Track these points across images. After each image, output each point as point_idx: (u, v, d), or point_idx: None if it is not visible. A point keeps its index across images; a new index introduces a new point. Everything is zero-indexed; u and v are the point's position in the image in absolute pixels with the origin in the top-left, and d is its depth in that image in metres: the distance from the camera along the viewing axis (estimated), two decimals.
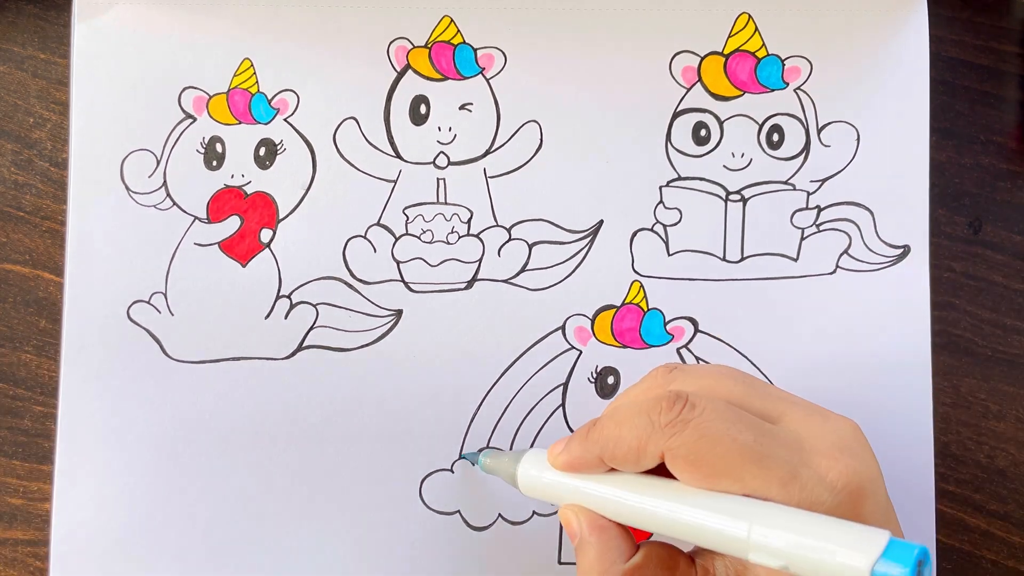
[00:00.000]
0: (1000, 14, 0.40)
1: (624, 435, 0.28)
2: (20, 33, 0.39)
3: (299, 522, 0.36)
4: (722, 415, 0.27)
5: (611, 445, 0.29)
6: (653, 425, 0.28)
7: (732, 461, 0.26)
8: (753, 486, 0.26)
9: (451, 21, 0.38)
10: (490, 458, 0.34)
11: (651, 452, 0.28)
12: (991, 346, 0.39)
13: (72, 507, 0.36)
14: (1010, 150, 0.39)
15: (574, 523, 0.30)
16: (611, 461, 0.29)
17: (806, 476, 0.26)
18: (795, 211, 0.38)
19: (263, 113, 0.38)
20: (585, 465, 0.30)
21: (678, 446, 0.27)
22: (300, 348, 0.37)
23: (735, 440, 0.26)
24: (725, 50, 0.38)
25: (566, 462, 0.30)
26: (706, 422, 0.27)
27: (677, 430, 0.27)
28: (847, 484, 0.26)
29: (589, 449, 0.29)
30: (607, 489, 0.29)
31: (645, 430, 0.28)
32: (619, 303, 0.38)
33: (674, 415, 0.27)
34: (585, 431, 0.30)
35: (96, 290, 0.37)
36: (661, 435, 0.27)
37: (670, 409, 0.28)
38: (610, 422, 0.29)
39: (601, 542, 0.29)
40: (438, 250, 0.38)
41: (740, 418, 0.27)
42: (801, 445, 0.27)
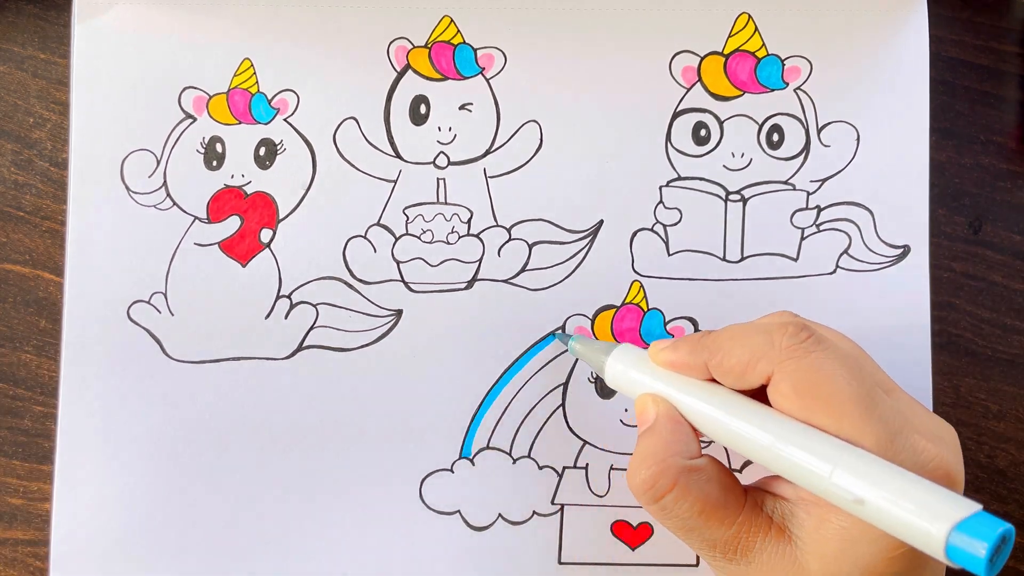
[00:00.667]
0: (1000, 14, 0.40)
1: (738, 348, 0.28)
2: (20, 33, 0.39)
3: (299, 522, 0.36)
4: (843, 360, 0.27)
5: (722, 353, 0.29)
6: (772, 345, 0.28)
7: (840, 401, 0.26)
8: (850, 432, 0.26)
9: (451, 21, 0.38)
10: (580, 343, 0.34)
11: (761, 370, 0.28)
12: (991, 346, 0.39)
13: (72, 507, 0.36)
14: (1010, 150, 0.39)
15: (651, 409, 0.30)
16: (716, 370, 0.29)
17: (902, 444, 0.26)
18: (795, 211, 0.38)
19: (263, 113, 0.38)
20: (688, 367, 0.30)
21: (792, 370, 0.27)
22: (300, 348, 0.37)
23: (849, 383, 0.27)
24: (725, 50, 0.38)
25: (669, 360, 0.30)
26: (828, 358, 0.27)
27: (797, 355, 0.27)
28: (936, 469, 0.26)
29: (697, 353, 0.29)
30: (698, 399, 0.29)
31: (762, 348, 0.28)
32: (619, 303, 0.38)
33: (797, 341, 0.28)
34: (698, 337, 0.30)
35: (96, 290, 0.37)
36: (779, 355, 0.27)
37: (796, 334, 0.28)
38: (727, 333, 0.29)
39: (672, 432, 0.29)
40: (438, 250, 0.38)
41: (860, 369, 0.28)
42: (905, 419, 0.27)
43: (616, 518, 0.37)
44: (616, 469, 0.37)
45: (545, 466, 0.37)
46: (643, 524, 0.37)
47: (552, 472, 0.37)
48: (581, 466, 0.37)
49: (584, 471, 0.37)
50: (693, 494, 0.28)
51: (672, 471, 0.28)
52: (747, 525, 0.29)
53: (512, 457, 0.37)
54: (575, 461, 0.37)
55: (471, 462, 0.37)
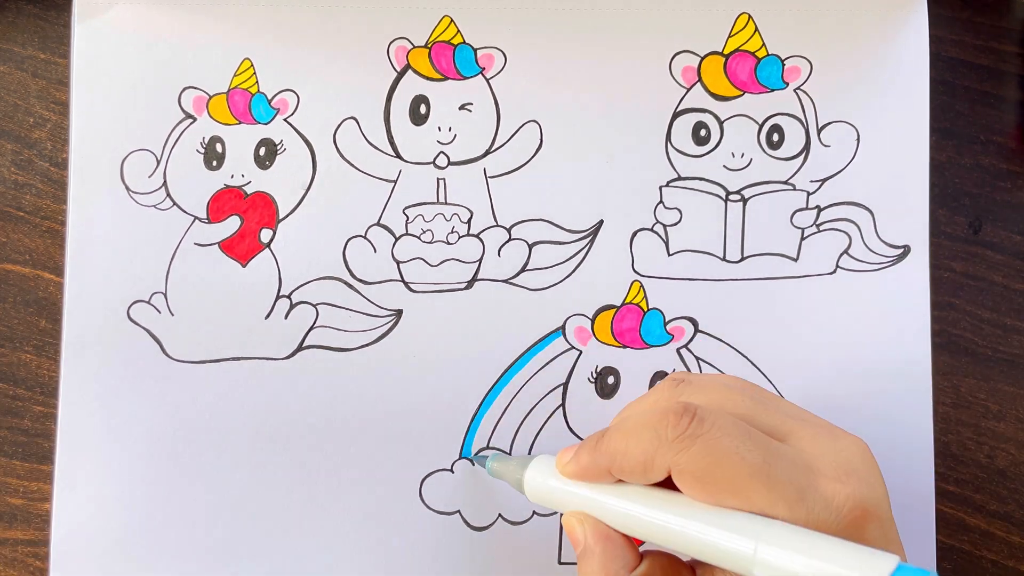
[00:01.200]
0: (1000, 14, 0.40)
1: (631, 449, 0.28)
2: (20, 33, 0.39)
3: (299, 522, 0.36)
4: (730, 432, 0.27)
5: (619, 458, 0.28)
6: (660, 439, 0.27)
7: (739, 479, 0.26)
8: (760, 505, 0.26)
9: (451, 21, 0.38)
10: (497, 462, 0.34)
11: (658, 466, 0.27)
12: (991, 346, 0.39)
13: (72, 507, 0.36)
14: (1010, 150, 0.39)
15: (578, 531, 0.30)
16: (619, 473, 0.29)
17: (812, 498, 0.26)
18: (795, 211, 0.38)
19: (263, 113, 0.38)
20: (593, 475, 0.30)
21: (685, 462, 0.27)
22: (300, 348, 0.37)
23: (743, 459, 0.26)
24: (725, 50, 0.38)
25: (574, 471, 0.30)
26: (714, 439, 0.27)
27: (685, 446, 0.27)
28: (853, 508, 0.26)
29: (597, 460, 0.29)
30: (614, 500, 0.29)
31: (652, 444, 0.27)
32: (619, 303, 0.38)
33: (681, 430, 0.27)
34: (594, 442, 0.30)
35: (96, 290, 0.37)
36: (668, 450, 0.27)
37: (677, 423, 0.27)
38: (618, 434, 0.29)
39: (605, 551, 0.29)
40: (438, 250, 0.38)
41: (748, 435, 0.27)
42: (809, 466, 0.27)
43: None
44: None
45: None
46: None
47: None
48: None
49: None
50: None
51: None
52: None
53: None
54: None
55: (471, 462, 0.37)
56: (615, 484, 0.29)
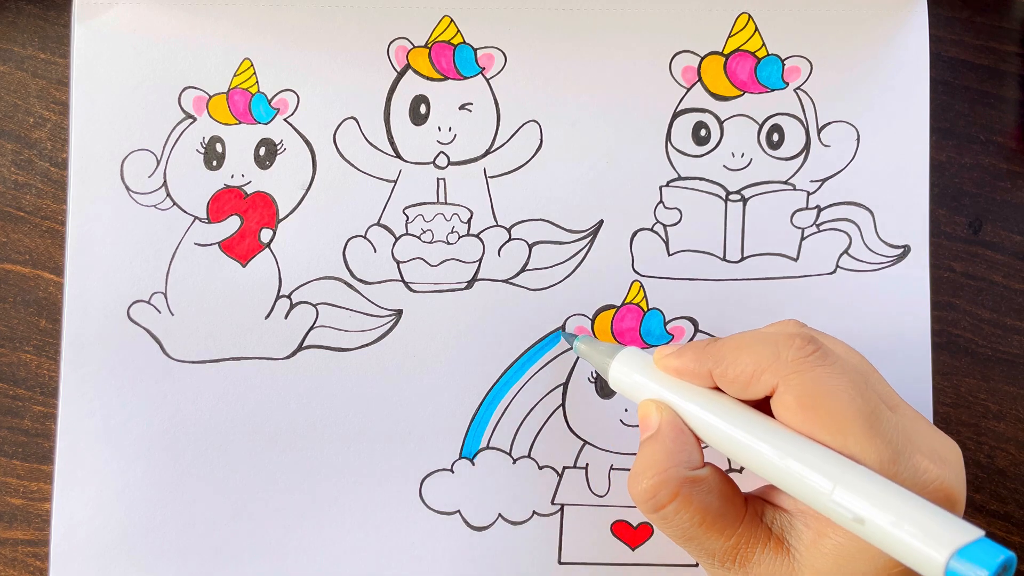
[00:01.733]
0: (1000, 14, 0.40)
1: (744, 358, 0.28)
2: (20, 33, 0.39)
3: (299, 522, 0.36)
4: (849, 375, 0.27)
5: (727, 362, 0.28)
6: (778, 357, 0.27)
7: (844, 417, 0.26)
8: (853, 449, 0.26)
9: (451, 21, 0.38)
10: (585, 344, 0.34)
11: (766, 381, 0.27)
12: (991, 346, 0.39)
13: (72, 507, 0.36)
14: (1010, 150, 0.39)
15: (654, 416, 0.30)
16: (720, 378, 0.29)
17: (905, 464, 0.26)
18: (795, 211, 0.38)
19: (263, 113, 0.38)
20: (692, 374, 0.29)
21: (797, 384, 0.27)
22: (300, 348, 0.37)
23: (854, 400, 0.26)
24: (725, 50, 0.38)
25: (675, 367, 0.30)
26: (833, 373, 0.27)
27: (803, 368, 0.27)
28: (937, 490, 0.26)
29: (702, 360, 0.29)
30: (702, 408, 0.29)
31: (768, 359, 0.28)
32: (619, 303, 0.38)
33: (803, 354, 0.27)
34: (703, 344, 0.30)
35: (96, 290, 0.37)
36: (784, 368, 0.27)
37: (803, 347, 0.27)
38: (733, 342, 0.29)
39: (677, 441, 0.29)
40: (438, 250, 0.38)
41: (866, 385, 0.27)
42: (909, 437, 0.27)
43: (616, 518, 0.37)
44: (616, 469, 0.37)
45: (545, 466, 0.37)
46: (643, 524, 0.37)
47: (552, 472, 0.37)
48: (581, 466, 0.37)
49: (584, 471, 0.37)
50: (694, 505, 0.28)
51: (674, 482, 0.28)
52: (746, 536, 0.28)
53: (512, 457, 0.37)
54: (575, 461, 0.37)
55: (471, 462, 0.37)
56: (707, 391, 0.29)
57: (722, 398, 0.29)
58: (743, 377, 0.28)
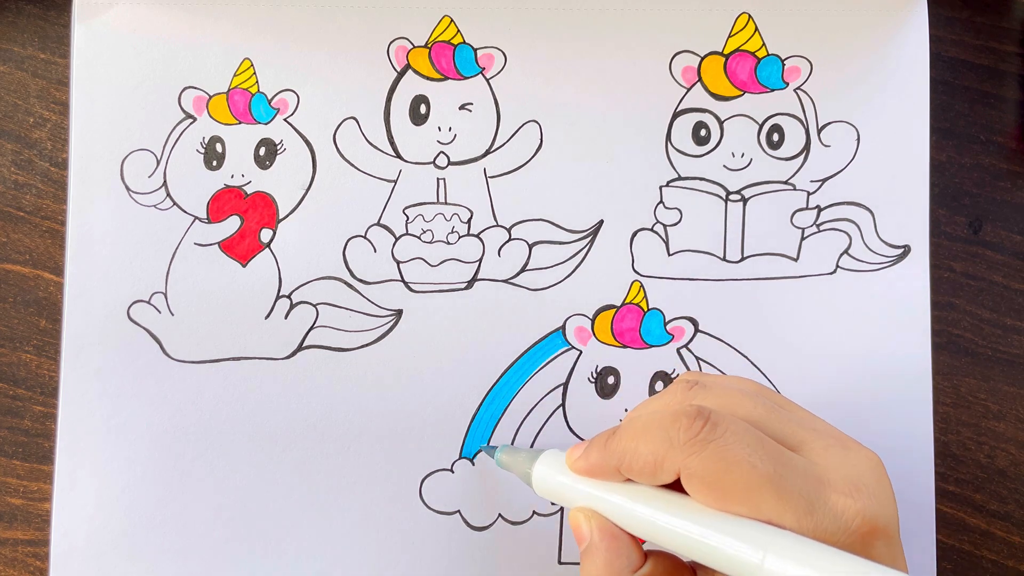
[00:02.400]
0: (1000, 14, 0.40)
1: (641, 449, 0.28)
2: (20, 33, 0.39)
3: (299, 522, 0.36)
4: (743, 439, 0.27)
5: (628, 457, 0.28)
6: (671, 442, 0.27)
7: (749, 487, 0.26)
8: (768, 514, 0.26)
9: (451, 21, 0.38)
10: (506, 454, 0.34)
11: (668, 469, 0.27)
12: (991, 346, 0.39)
13: (72, 507, 0.36)
14: (1010, 150, 0.39)
15: (584, 527, 0.30)
16: (628, 472, 0.29)
17: (821, 511, 0.26)
18: (795, 211, 0.38)
19: (263, 113, 0.38)
20: (602, 473, 0.29)
21: (696, 466, 0.27)
22: (300, 348, 0.37)
23: (754, 467, 0.26)
24: (725, 50, 0.38)
25: (584, 468, 0.30)
26: (726, 444, 0.27)
27: (696, 450, 0.27)
28: (861, 524, 0.26)
29: (607, 458, 0.29)
30: (622, 499, 0.29)
31: (663, 446, 0.27)
32: (619, 303, 0.38)
33: (693, 434, 0.27)
34: (604, 439, 0.30)
35: (96, 290, 0.37)
36: (679, 453, 0.27)
37: (690, 427, 0.27)
38: (628, 433, 0.29)
39: (611, 549, 0.29)
40: (438, 250, 0.38)
41: (761, 443, 0.27)
42: (819, 478, 0.27)
43: None
44: None
45: None
46: None
47: None
48: None
49: None
50: None
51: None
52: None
53: None
54: None
55: (471, 462, 0.37)
56: (624, 483, 0.29)
57: (641, 489, 0.29)
58: (647, 468, 0.28)
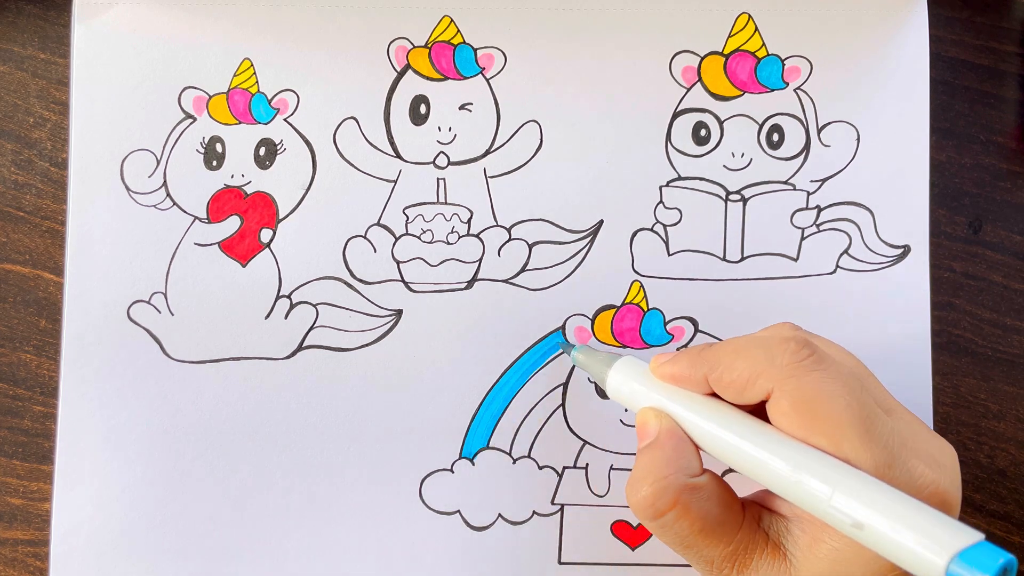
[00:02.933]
0: (1000, 14, 0.40)
1: (738, 363, 0.28)
2: (20, 33, 0.39)
3: (299, 522, 0.36)
4: (844, 379, 0.27)
5: (721, 368, 0.28)
6: (772, 362, 0.27)
7: (839, 422, 0.26)
8: (848, 453, 0.26)
9: (451, 21, 0.38)
10: (582, 354, 0.34)
11: (760, 386, 0.27)
12: (991, 346, 0.39)
13: (72, 507, 0.36)
14: (1010, 150, 0.39)
15: (652, 424, 0.30)
16: (716, 384, 0.29)
17: (900, 468, 0.26)
18: (795, 211, 0.38)
19: (263, 113, 0.38)
20: (688, 381, 0.29)
21: (793, 389, 0.27)
22: (300, 348, 0.37)
23: (849, 405, 0.26)
24: (725, 50, 0.38)
25: (670, 373, 0.30)
26: (828, 377, 0.27)
27: (797, 373, 0.27)
28: (932, 495, 0.26)
29: (697, 366, 0.29)
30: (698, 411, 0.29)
31: (762, 364, 0.28)
32: (619, 303, 0.38)
33: (798, 359, 0.27)
34: (698, 349, 0.30)
35: (96, 290, 0.37)
36: (779, 373, 0.27)
37: (798, 351, 0.27)
38: (728, 347, 0.29)
39: (674, 449, 0.29)
40: (438, 250, 0.38)
41: (859, 390, 0.27)
42: (904, 441, 0.27)
43: (616, 518, 0.37)
44: (616, 469, 0.37)
45: (545, 466, 0.37)
46: (643, 524, 0.37)
47: (552, 472, 0.37)
48: (581, 466, 0.37)
49: (584, 471, 0.37)
50: (693, 513, 0.28)
51: (673, 489, 0.28)
52: (744, 542, 0.28)
53: (512, 457, 0.37)
54: (575, 461, 0.37)
55: (471, 462, 0.37)
56: (704, 398, 0.29)
57: (719, 405, 0.29)
58: (738, 382, 0.28)
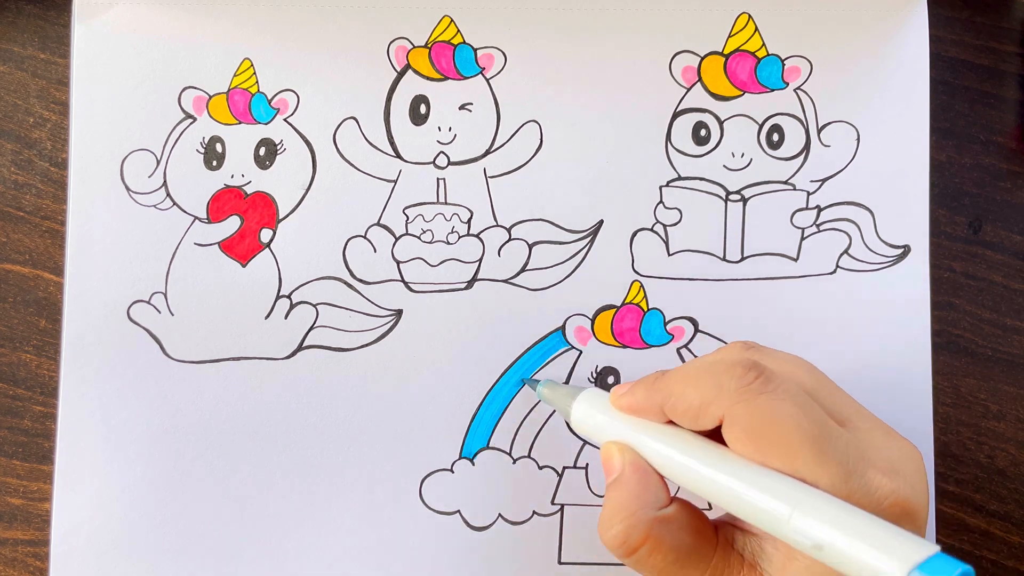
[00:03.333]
0: (1000, 14, 0.40)
1: (689, 391, 0.28)
2: (20, 33, 0.39)
3: (299, 522, 0.36)
4: (793, 397, 0.27)
5: (675, 397, 0.28)
6: (721, 388, 0.27)
7: (791, 444, 0.26)
8: (804, 473, 0.26)
9: (451, 21, 0.38)
10: (548, 388, 0.35)
11: (712, 414, 0.28)
12: (991, 346, 0.39)
13: (72, 507, 0.36)
14: (1010, 150, 0.39)
15: (616, 459, 0.30)
16: (670, 412, 0.29)
17: (857, 482, 0.26)
18: (795, 211, 0.38)
19: (263, 113, 0.38)
20: (645, 411, 0.30)
21: (742, 414, 0.27)
22: (300, 348, 0.37)
23: (800, 425, 0.26)
24: (725, 50, 0.38)
25: (628, 404, 0.30)
26: (776, 399, 0.27)
27: (745, 398, 0.27)
28: (893, 505, 0.26)
29: (652, 397, 0.29)
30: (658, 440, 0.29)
31: (712, 391, 0.28)
32: (619, 303, 0.38)
33: (746, 383, 0.27)
34: (653, 379, 0.30)
35: (96, 290, 0.37)
36: (727, 399, 0.27)
37: (744, 376, 0.27)
38: (679, 375, 0.29)
39: (641, 483, 0.29)
40: (438, 250, 0.38)
41: (810, 406, 0.27)
42: (861, 453, 0.27)
43: None
44: None
45: (545, 466, 0.37)
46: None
47: (552, 472, 0.37)
48: (581, 466, 0.37)
49: (584, 471, 0.37)
50: (666, 545, 0.28)
51: (643, 525, 0.28)
52: (720, 566, 0.28)
53: (512, 457, 0.37)
54: (575, 461, 0.37)
55: (471, 462, 0.37)
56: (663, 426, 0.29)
57: (680, 432, 0.29)
58: (691, 411, 0.28)
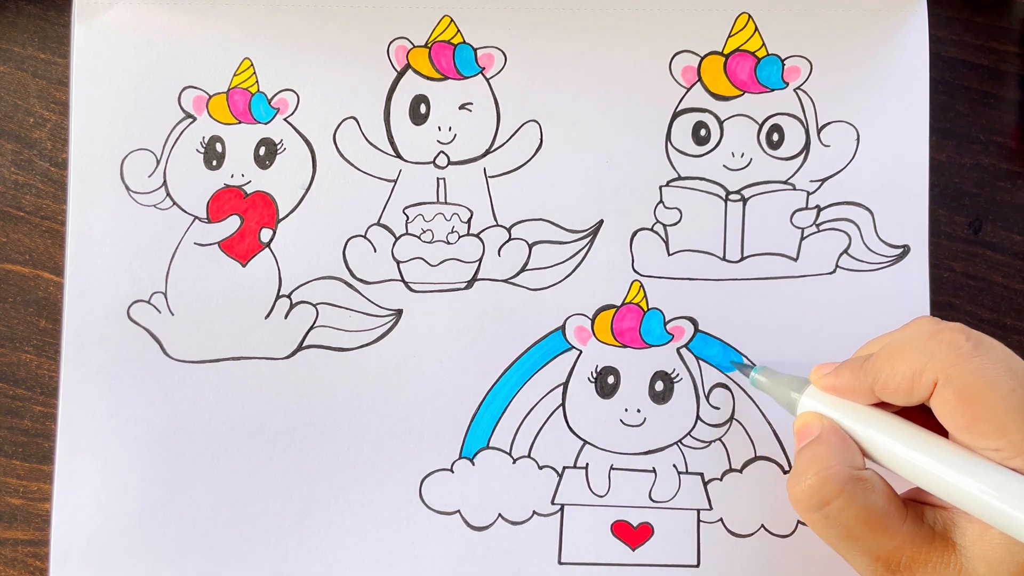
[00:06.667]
0: (1000, 14, 0.40)
1: (899, 366, 0.28)
2: (20, 33, 0.39)
3: (299, 522, 0.36)
4: (1008, 365, 0.27)
5: (884, 375, 0.28)
6: (933, 355, 0.27)
7: (1006, 409, 0.26)
8: (1014, 439, 0.26)
9: (451, 21, 0.38)
10: (765, 376, 0.34)
11: (925, 381, 0.27)
12: None
13: (72, 507, 0.36)
14: (1010, 150, 0.39)
15: (814, 423, 0.30)
16: (882, 391, 0.29)
17: None
18: (795, 211, 0.38)
19: (263, 113, 0.38)
20: (852, 392, 0.30)
21: (957, 377, 0.27)
22: (300, 348, 0.37)
23: (1013, 391, 0.26)
24: (725, 50, 0.38)
25: (832, 385, 0.30)
26: (991, 363, 0.27)
27: (959, 361, 0.27)
28: None
29: (861, 378, 0.29)
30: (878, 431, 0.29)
31: (923, 358, 0.27)
32: (619, 303, 0.38)
33: (957, 347, 0.27)
34: (859, 362, 0.30)
35: (96, 290, 0.37)
36: (941, 363, 0.27)
37: (954, 340, 0.27)
38: (885, 353, 0.29)
39: (839, 443, 0.29)
40: (438, 250, 0.38)
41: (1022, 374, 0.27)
42: None
43: (616, 518, 0.37)
44: (616, 469, 0.37)
45: (545, 466, 0.37)
46: (643, 524, 0.37)
47: (552, 472, 0.37)
48: (581, 466, 0.37)
49: (584, 471, 0.37)
50: (859, 502, 0.28)
51: (838, 479, 0.28)
52: (910, 536, 0.28)
53: (512, 457, 0.37)
54: (575, 461, 0.37)
55: (471, 462, 0.37)
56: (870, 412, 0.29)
57: (885, 416, 0.29)
58: (905, 384, 0.28)
